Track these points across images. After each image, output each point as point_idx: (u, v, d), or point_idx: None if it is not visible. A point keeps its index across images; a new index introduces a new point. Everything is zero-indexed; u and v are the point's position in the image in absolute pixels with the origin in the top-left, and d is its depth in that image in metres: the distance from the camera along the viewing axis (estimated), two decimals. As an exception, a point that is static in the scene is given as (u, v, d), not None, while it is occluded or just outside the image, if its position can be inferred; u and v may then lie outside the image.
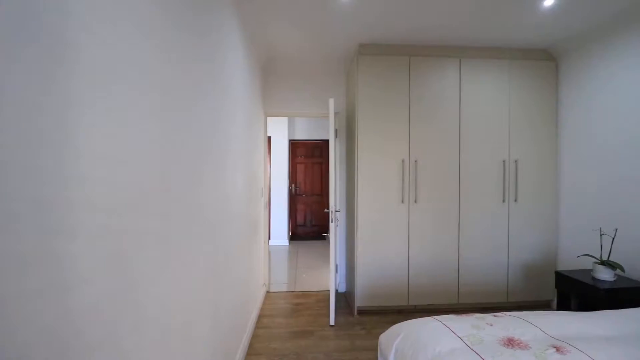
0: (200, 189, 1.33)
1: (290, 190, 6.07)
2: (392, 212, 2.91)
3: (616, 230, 2.35)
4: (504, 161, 2.97)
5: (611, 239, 2.34)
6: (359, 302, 2.91)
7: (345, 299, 3.34)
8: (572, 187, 2.86)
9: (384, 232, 2.91)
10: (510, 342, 1.38)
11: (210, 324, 1.47)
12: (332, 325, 2.70)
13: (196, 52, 1.29)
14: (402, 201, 2.91)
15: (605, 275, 2.25)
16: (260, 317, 2.87)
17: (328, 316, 2.83)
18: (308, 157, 6.26)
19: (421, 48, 2.92)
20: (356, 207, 2.91)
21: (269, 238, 5.66)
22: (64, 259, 0.59)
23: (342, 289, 3.55)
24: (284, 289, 3.62)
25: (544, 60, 3.00)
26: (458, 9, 2.33)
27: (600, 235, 2.41)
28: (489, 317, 1.65)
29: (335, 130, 3.31)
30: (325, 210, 3.57)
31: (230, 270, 1.87)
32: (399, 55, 2.90)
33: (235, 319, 1.99)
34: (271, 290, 3.57)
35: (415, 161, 2.91)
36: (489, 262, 2.98)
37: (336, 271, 3.35)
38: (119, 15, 0.76)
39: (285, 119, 5.78)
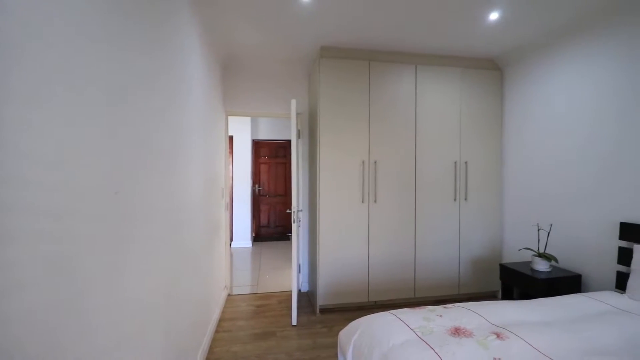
0: (154, 191, 1.28)
1: (253, 191, 5.99)
2: (353, 212, 2.99)
3: (551, 225, 2.61)
4: (455, 162, 3.17)
5: (547, 234, 2.59)
6: (321, 300, 2.95)
7: (307, 298, 3.37)
8: (514, 187, 3.12)
9: (346, 231, 2.98)
10: (456, 331, 1.48)
11: (165, 330, 1.42)
12: (294, 325, 2.71)
13: (151, 53, 1.25)
14: (363, 201, 3.00)
15: (542, 266, 2.48)
16: (220, 320, 2.81)
17: (290, 316, 2.84)
18: (272, 157, 6.21)
19: (380, 53, 3.03)
20: (318, 207, 2.95)
21: (231, 240, 5.55)
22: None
23: (305, 288, 3.58)
24: (247, 291, 3.57)
25: (491, 70, 3.24)
26: (411, 18, 2.43)
27: (538, 230, 2.65)
28: (439, 309, 1.76)
29: (298, 131, 3.33)
30: (288, 211, 3.58)
31: (187, 273, 1.82)
32: (360, 60, 2.98)
33: (193, 324, 1.94)
34: (233, 293, 3.50)
35: (375, 162, 3.01)
36: (443, 258, 3.16)
37: (299, 271, 3.37)
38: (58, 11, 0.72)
39: (248, 119, 5.69)
